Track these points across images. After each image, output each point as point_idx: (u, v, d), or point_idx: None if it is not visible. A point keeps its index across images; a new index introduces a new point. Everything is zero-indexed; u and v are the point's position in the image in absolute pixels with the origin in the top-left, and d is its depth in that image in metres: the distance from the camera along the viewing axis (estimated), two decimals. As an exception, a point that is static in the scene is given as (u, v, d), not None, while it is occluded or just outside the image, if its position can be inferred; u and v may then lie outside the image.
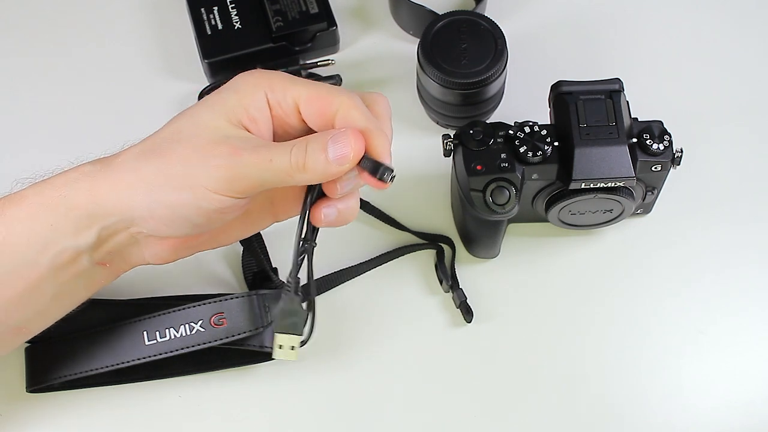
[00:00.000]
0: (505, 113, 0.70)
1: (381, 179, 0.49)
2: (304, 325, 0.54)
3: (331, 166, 0.49)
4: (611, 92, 0.61)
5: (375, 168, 0.49)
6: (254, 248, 0.66)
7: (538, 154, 0.60)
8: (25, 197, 0.52)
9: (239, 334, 0.61)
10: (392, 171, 0.49)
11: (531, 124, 0.61)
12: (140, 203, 0.50)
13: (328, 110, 0.50)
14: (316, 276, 0.66)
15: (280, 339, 0.54)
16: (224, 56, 0.72)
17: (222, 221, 0.52)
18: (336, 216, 0.53)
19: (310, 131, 0.52)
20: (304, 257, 0.53)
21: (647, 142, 0.60)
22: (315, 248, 0.53)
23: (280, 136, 0.53)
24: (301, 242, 0.53)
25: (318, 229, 0.53)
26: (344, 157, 0.48)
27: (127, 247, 0.54)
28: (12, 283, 0.52)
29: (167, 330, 0.62)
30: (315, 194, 0.53)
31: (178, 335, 0.61)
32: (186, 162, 0.49)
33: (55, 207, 0.51)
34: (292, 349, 0.54)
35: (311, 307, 0.54)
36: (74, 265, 0.52)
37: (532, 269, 0.68)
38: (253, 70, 0.53)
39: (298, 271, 0.53)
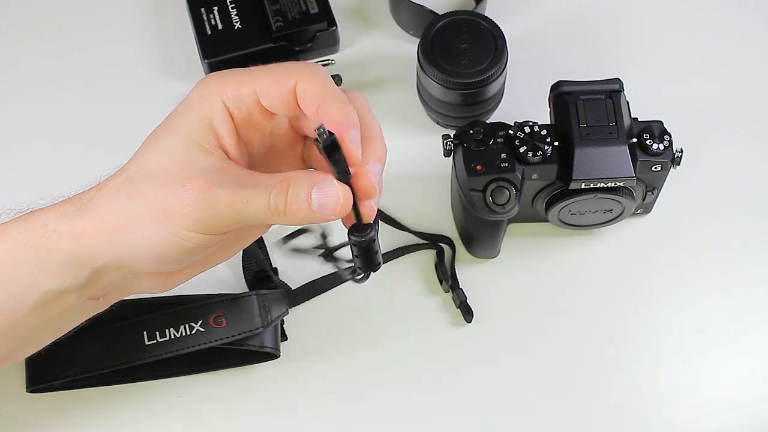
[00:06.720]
0: (505, 113, 0.70)
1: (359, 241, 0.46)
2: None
3: (315, 216, 0.46)
4: (611, 92, 0.61)
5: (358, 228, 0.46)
6: (254, 248, 0.66)
7: (538, 154, 0.60)
8: (8, 234, 0.49)
9: (239, 334, 0.61)
10: (371, 233, 0.46)
11: (531, 124, 0.61)
12: (122, 244, 0.48)
13: (285, 89, 0.47)
14: (316, 276, 0.67)
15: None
16: (224, 56, 0.72)
17: (205, 253, 0.49)
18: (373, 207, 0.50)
19: (280, 122, 0.50)
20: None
21: (647, 142, 0.60)
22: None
23: (249, 137, 0.50)
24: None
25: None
26: (331, 208, 0.45)
27: (119, 283, 0.52)
28: None
29: (167, 330, 0.62)
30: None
31: (178, 335, 0.61)
32: (159, 200, 0.46)
33: (38, 248, 0.49)
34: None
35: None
36: (62, 302, 0.51)
37: (532, 269, 0.68)
38: (203, 78, 0.49)
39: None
